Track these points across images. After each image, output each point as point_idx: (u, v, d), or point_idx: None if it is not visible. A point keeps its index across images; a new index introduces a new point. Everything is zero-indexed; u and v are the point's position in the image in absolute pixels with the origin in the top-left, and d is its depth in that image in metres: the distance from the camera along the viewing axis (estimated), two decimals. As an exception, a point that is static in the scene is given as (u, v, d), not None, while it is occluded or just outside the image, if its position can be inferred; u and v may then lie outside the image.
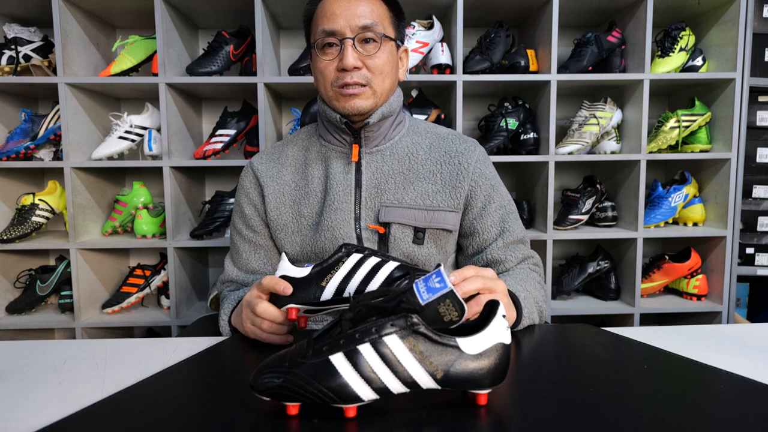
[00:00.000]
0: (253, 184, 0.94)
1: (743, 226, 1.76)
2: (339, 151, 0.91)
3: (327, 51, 0.84)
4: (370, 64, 0.83)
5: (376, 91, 0.85)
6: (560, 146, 1.65)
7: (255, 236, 0.94)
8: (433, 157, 0.90)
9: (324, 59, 0.84)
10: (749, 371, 0.56)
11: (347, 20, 0.81)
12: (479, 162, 0.91)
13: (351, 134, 0.89)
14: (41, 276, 1.67)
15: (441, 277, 0.50)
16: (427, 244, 0.87)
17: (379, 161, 0.89)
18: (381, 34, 0.83)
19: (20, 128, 1.61)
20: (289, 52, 1.81)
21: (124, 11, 1.65)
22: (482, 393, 0.47)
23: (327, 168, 0.90)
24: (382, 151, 0.90)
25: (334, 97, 0.85)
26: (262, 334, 0.70)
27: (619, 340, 0.69)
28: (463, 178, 0.88)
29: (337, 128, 0.89)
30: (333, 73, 0.83)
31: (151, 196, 1.72)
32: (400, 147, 0.91)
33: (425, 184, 0.88)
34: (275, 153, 0.96)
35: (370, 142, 0.89)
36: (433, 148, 0.91)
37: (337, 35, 0.82)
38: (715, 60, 1.68)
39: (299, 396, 0.45)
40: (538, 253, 0.95)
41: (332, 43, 0.83)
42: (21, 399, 0.54)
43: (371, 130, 0.88)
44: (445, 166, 0.89)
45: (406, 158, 0.90)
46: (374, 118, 0.86)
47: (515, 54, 1.62)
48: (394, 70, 0.88)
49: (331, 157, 0.91)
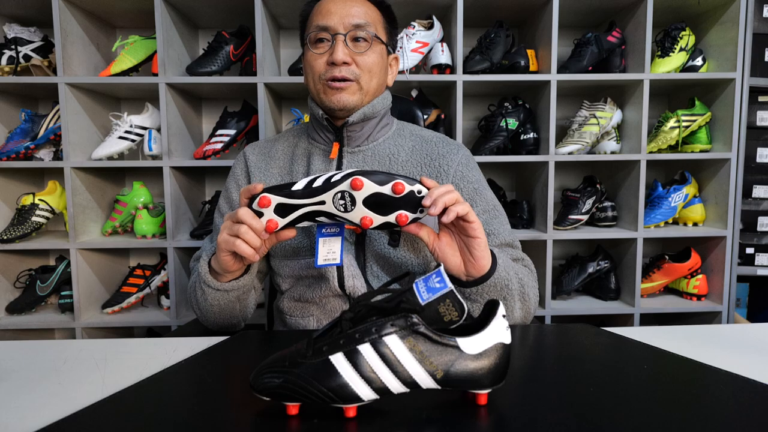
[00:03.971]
0: (243, 171, 0.96)
1: (743, 226, 1.76)
2: (322, 149, 0.92)
3: (318, 45, 0.85)
4: (359, 60, 0.84)
5: (363, 88, 0.85)
6: (560, 146, 1.65)
7: None
8: (413, 159, 0.90)
9: (315, 53, 0.85)
10: (749, 371, 0.56)
11: (341, 18, 0.83)
12: (461, 165, 0.90)
13: (333, 132, 0.89)
14: (41, 276, 1.67)
15: (441, 277, 0.50)
16: (403, 247, 0.87)
17: (360, 161, 0.90)
18: (372, 34, 0.85)
19: (20, 128, 1.61)
20: (289, 52, 1.81)
21: (124, 11, 1.65)
22: (482, 393, 0.47)
23: (308, 165, 0.91)
24: (364, 151, 0.91)
25: (321, 91, 0.86)
26: (235, 241, 0.68)
27: (619, 340, 0.69)
28: (443, 180, 0.88)
29: (321, 125, 0.90)
30: (322, 67, 0.85)
31: (151, 196, 1.72)
32: (382, 148, 0.91)
33: None
34: (267, 147, 0.97)
35: (352, 142, 0.90)
36: (415, 150, 0.91)
37: (329, 30, 0.83)
38: (715, 60, 1.68)
39: (299, 396, 0.45)
40: (538, 253, 0.95)
41: (324, 39, 0.85)
42: (21, 399, 0.54)
43: (353, 130, 0.89)
44: (425, 168, 0.89)
45: (386, 159, 0.90)
46: (355, 117, 0.86)
47: (515, 54, 1.62)
48: (382, 72, 0.89)
49: (313, 154, 0.92)
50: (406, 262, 0.87)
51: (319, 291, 0.86)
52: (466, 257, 0.72)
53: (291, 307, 0.91)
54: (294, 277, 0.90)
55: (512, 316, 0.79)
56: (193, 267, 0.94)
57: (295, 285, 0.91)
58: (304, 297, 0.89)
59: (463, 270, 0.73)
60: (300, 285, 0.90)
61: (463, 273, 0.73)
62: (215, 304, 0.82)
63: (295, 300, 0.90)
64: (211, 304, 0.82)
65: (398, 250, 0.87)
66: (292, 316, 0.91)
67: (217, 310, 0.83)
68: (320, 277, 0.86)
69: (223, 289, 0.79)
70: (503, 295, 0.76)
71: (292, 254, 0.90)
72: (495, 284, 0.74)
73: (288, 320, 0.92)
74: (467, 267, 0.73)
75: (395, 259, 0.87)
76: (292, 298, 0.91)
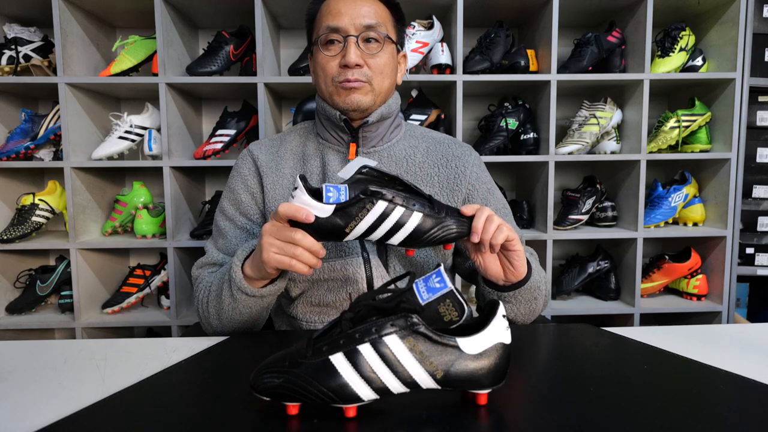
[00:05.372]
0: (253, 172, 0.91)
1: (743, 226, 1.76)
2: (336, 150, 0.90)
3: (330, 47, 0.84)
4: (371, 63, 0.84)
5: (375, 89, 0.85)
6: (560, 146, 1.65)
7: (250, 224, 0.90)
8: (430, 160, 0.90)
9: (326, 55, 0.84)
10: (749, 371, 0.56)
11: (352, 18, 0.82)
12: (475, 166, 0.92)
13: (349, 133, 0.88)
14: (41, 276, 1.67)
15: (441, 277, 0.50)
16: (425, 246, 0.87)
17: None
18: (384, 34, 0.84)
19: (20, 128, 1.61)
20: (289, 52, 1.81)
21: (124, 11, 1.66)
22: (482, 393, 0.47)
23: (324, 164, 0.89)
24: (380, 152, 0.90)
25: (334, 92, 0.85)
26: (291, 261, 0.66)
27: (619, 340, 0.69)
28: (461, 181, 0.89)
29: (335, 126, 0.89)
30: (335, 69, 0.84)
31: (151, 196, 1.72)
32: (398, 149, 0.91)
33: (422, 186, 0.88)
34: (275, 146, 0.94)
35: (367, 143, 0.89)
36: (431, 151, 0.91)
37: (341, 32, 0.82)
38: (715, 60, 1.68)
39: (299, 396, 0.45)
40: (538, 253, 0.96)
41: (335, 40, 0.83)
42: (21, 399, 0.54)
43: (369, 130, 0.88)
44: (443, 169, 0.90)
45: (403, 161, 0.90)
46: (374, 117, 0.86)
47: (515, 54, 1.62)
48: (393, 72, 0.89)
49: (328, 154, 0.90)
50: (428, 261, 0.88)
51: (343, 293, 0.84)
52: (506, 265, 0.75)
53: (307, 313, 0.88)
54: (310, 281, 0.86)
55: (536, 310, 0.83)
56: (196, 276, 0.90)
57: (310, 289, 0.87)
58: (324, 301, 0.86)
59: (502, 276, 0.76)
60: (318, 289, 0.86)
61: (502, 279, 0.76)
62: (246, 312, 0.77)
63: (313, 305, 0.87)
64: (241, 312, 0.77)
65: (420, 250, 0.87)
66: (309, 322, 0.88)
67: (246, 317, 0.79)
68: (345, 280, 0.84)
69: (260, 295, 0.75)
70: (535, 296, 0.80)
71: None
72: (530, 287, 0.78)
73: (304, 327, 0.89)
74: (506, 274, 0.76)
75: (417, 258, 0.87)
76: (308, 303, 0.87)
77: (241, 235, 0.90)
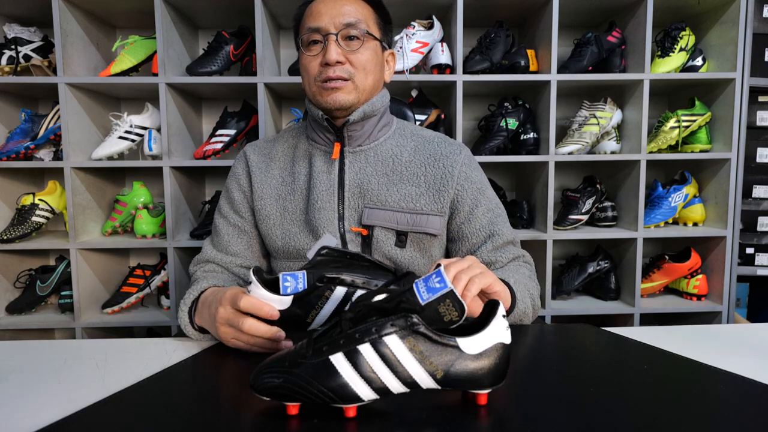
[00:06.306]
0: (245, 171, 0.95)
1: (743, 226, 1.76)
2: (323, 150, 0.91)
3: (312, 48, 0.85)
4: (352, 59, 0.84)
5: (358, 86, 0.85)
6: (560, 146, 1.65)
7: (242, 222, 0.94)
8: (417, 159, 0.90)
9: (308, 55, 0.85)
10: (749, 371, 0.56)
11: (332, 18, 0.83)
12: (465, 165, 0.91)
13: (334, 132, 0.89)
14: (41, 276, 1.67)
15: (441, 277, 0.50)
16: (410, 248, 0.87)
17: (363, 161, 0.90)
18: (364, 31, 0.85)
19: (20, 128, 1.61)
20: (289, 52, 1.81)
21: (124, 11, 1.65)
22: (482, 393, 0.47)
23: (311, 166, 0.91)
24: (366, 151, 0.90)
25: (317, 92, 0.86)
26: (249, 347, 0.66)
27: (619, 340, 0.69)
28: (448, 181, 0.88)
29: (321, 126, 0.90)
30: (317, 68, 0.85)
31: (151, 196, 1.72)
32: (384, 148, 0.91)
33: (409, 186, 0.88)
34: (266, 147, 0.97)
35: (353, 141, 0.90)
36: (418, 150, 0.91)
37: (321, 31, 0.84)
38: (715, 60, 1.68)
39: (299, 396, 0.45)
40: (538, 253, 0.96)
41: (317, 40, 0.85)
42: (21, 399, 0.54)
43: (354, 129, 0.89)
44: (430, 169, 0.89)
45: (389, 160, 0.90)
46: (356, 116, 0.86)
47: (515, 54, 1.62)
48: (377, 69, 0.89)
49: (315, 155, 0.91)
50: (413, 262, 0.88)
51: None
52: None
53: None
54: None
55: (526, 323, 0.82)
56: (192, 273, 0.93)
57: None
58: None
59: None
60: None
61: None
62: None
63: None
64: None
65: (405, 251, 0.87)
66: None
67: None
68: None
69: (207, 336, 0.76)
70: (520, 318, 0.79)
71: (296, 255, 0.89)
72: (515, 315, 0.78)
73: None
74: None
75: (402, 259, 0.87)
76: None
77: (233, 232, 0.94)
